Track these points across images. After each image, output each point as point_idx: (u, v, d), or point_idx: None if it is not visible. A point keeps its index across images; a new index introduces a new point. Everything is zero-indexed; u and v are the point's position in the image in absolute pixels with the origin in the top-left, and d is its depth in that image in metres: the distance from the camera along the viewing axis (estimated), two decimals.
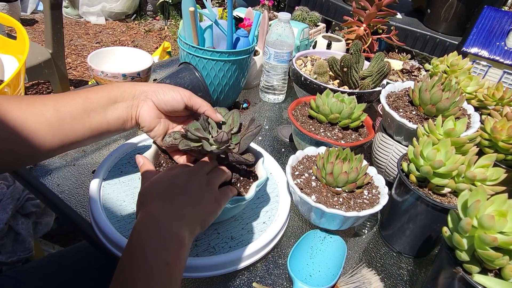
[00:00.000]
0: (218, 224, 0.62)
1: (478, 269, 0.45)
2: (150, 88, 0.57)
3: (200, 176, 0.52)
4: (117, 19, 3.55)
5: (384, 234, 0.69)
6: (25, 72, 1.02)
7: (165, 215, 0.45)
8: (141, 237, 0.43)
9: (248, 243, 0.59)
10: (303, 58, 1.07)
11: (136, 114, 0.56)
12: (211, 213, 0.50)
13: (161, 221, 0.44)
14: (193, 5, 0.83)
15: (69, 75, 2.56)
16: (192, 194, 0.49)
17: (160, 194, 0.48)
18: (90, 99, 0.51)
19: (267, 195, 0.70)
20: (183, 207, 0.47)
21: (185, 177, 0.51)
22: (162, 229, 0.43)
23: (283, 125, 0.98)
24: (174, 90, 0.58)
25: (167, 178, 0.51)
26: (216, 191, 0.52)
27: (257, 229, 0.62)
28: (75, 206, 0.64)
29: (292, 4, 1.69)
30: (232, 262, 0.56)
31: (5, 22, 1.11)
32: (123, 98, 0.55)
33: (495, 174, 0.58)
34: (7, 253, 1.00)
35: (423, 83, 0.71)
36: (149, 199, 0.48)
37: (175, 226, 0.44)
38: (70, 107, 0.50)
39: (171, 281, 0.41)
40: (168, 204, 0.47)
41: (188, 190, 0.49)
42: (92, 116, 0.52)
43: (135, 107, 0.56)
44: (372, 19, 1.14)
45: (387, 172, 0.78)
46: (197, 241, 0.59)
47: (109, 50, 0.94)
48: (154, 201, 0.47)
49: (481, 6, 1.14)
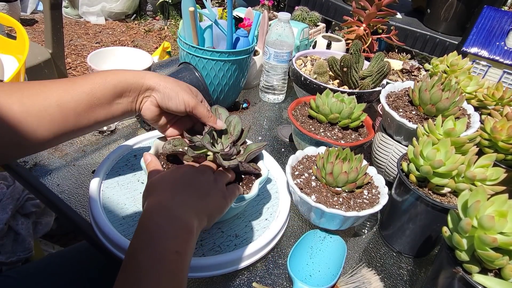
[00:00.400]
0: (222, 223, 0.62)
1: (478, 269, 0.45)
2: (157, 85, 0.56)
3: (208, 174, 0.53)
4: (117, 19, 3.55)
5: (384, 234, 0.69)
6: (25, 72, 1.02)
7: (176, 203, 0.45)
8: (151, 224, 0.43)
9: (252, 240, 0.59)
10: (303, 58, 1.07)
11: (140, 107, 0.57)
12: (219, 209, 0.51)
13: (172, 209, 0.44)
14: (193, 5, 0.83)
15: (69, 75, 2.56)
16: (200, 188, 0.50)
17: (169, 185, 0.49)
18: (96, 96, 0.51)
19: (267, 192, 0.70)
20: (192, 198, 0.48)
21: (193, 173, 0.52)
22: (173, 217, 0.43)
23: (283, 125, 0.98)
24: (179, 96, 0.56)
25: (176, 173, 0.51)
26: (224, 188, 0.53)
27: (260, 225, 0.63)
28: (75, 206, 0.64)
29: (292, 4, 1.69)
30: (238, 260, 0.57)
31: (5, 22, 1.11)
32: (129, 93, 0.54)
33: (495, 174, 0.58)
34: (7, 253, 1.00)
35: (423, 83, 0.71)
36: (159, 189, 0.48)
37: (186, 215, 0.45)
38: (74, 104, 0.49)
39: (181, 270, 0.41)
40: (179, 194, 0.47)
41: (197, 184, 0.50)
42: (97, 111, 0.52)
43: (139, 102, 0.57)
44: (372, 19, 1.14)
45: (387, 172, 0.78)
46: (202, 241, 0.59)
47: (109, 50, 0.94)
48: (164, 190, 0.47)
49: (481, 6, 1.14)
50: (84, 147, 0.78)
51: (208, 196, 0.50)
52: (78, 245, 0.78)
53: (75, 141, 0.80)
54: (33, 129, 0.46)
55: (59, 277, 0.69)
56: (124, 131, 0.85)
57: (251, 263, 0.58)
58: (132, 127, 0.87)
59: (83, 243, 0.78)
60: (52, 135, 0.48)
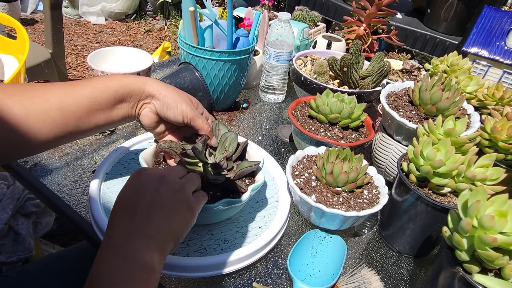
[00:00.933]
0: (213, 226, 0.62)
1: (478, 269, 0.45)
2: (157, 93, 0.55)
3: (172, 181, 0.47)
4: (117, 19, 3.55)
5: (384, 234, 0.69)
6: (25, 72, 1.02)
7: (130, 240, 0.41)
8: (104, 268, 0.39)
9: (240, 247, 0.58)
10: (303, 58, 1.07)
11: (138, 113, 0.57)
12: (185, 223, 0.46)
13: (125, 249, 0.40)
14: (193, 5, 0.83)
15: (69, 75, 2.56)
16: (162, 205, 0.44)
17: (125, 210, 0.43)
18: (96, 100, 0.51)
19: (266, 199, 0.69)
20: (151, 223, 0.42)
21: (155, 184, 0.46)
22: (126, 259, 0.40)
23: (283, 125, 0.98)
24: (178, 107, 0.56)
25: (134, 188, 0.45)
26: (190, 197, 0.48)
27: (252, 233, 0.61)
28: (75, 206, 0.64)
29: (292, 4, 1.69)
30: (222, 264, 0.55)
31: (5, 22, 1.11)
32: (130, 98, 0.54)
33: (495, 174, 0.58)
34: (7, 253, 1.00)
35: (423, 83, 0.71)
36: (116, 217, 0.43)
37: (142, 252, 0.40)
38: (75, 107, 0.49)
39: None
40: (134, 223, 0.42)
41: (158, 200, 0.44)
42: (98, 115, 0.52)
43: (139, 108, 0.57)
44: (372, 19, 1.14)
45: (387, 172, 0.78)
46: (190, 241, 0.58)
47: (109, 50, 0.94)
48: (121, 219, 0.43)
49: (481, 6, 1.14)
50: (84, 147, 0.78)
51: (172, 213, 0.45)
52: (78, 245, 0.78)
53: (75, 141, 0.80)
54: (33, 131, 0.46)
55: (59, 277, 0.69)
56: (124, 131, 0.85)
57: (238, 269, 0.57)
58: (132, 127, 0.87)
59: (83, 243, 0.78)
60: (53, 137, 0.48)
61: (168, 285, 0.55)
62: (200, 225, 0.61)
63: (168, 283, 0.56)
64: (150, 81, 0.56)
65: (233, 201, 0.55)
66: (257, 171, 0.63)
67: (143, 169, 0.48)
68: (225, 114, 0.99)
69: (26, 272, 0.69)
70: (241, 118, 0.99)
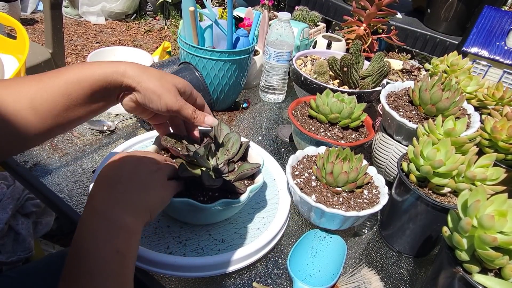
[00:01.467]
0: (211, 226, 0.61)
1: (478, 268, 0.45)
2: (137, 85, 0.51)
3: (149, 163, 0.52)
4: (117, 19, 3.55)
5: (384, 234, 0.69)
6: (25, 72, 1.02)
7: (108, 205, 0.45)
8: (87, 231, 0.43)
9: (238, 248, 0.58)
10: (303, 58, 1.07)
11: (119, 100, 0.53)
12: (159, 200, 0.50)
13: (104, 212, 0.44)
14: (193, 5, 0.83)
15: None
16: (139, 180, 0.48)
17: (105, 182, 0.48)
18: (71, 97, 0.47)
19: (265, 201, 0.69)
20: (128, 194, 0.47)
21: (134, 163, 0.51)
22: (108, 220, 0.44)
23: (283, 125, 0.98)
24: (161, 100, 0.52)
25: (115, 164, 0.50)
26: (164, 179, 0.52)
27: (250, 234, 0.61)
28: (75, 206, 0.64)
29: (292, 3, 1.69)
30: (219, 264, 0.55)
31: (5, 22, 1.11)
32: (108, 91, 0.50)
33: (495, 174, 0.58)
34: (7, 253, 1.00)
35: (423, 83, 0.71)
36: (96, 188, 0.47)
37: (121, 214, 0.44)
38: (48, 106, 0.46)
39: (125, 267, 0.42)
40: (113, 193, 0.46)
41: (135, 176, 0.49)
42: (76, 110, 0.49)
43: (118, 96, 0.53)
44: (372, 18, 1.14)
45: (387, 172, 0.78)
46: (187, 241, 0.58)
47: (109, 50, 0.94)
48: (100, 190, 0.47)
49: (481, 6, 1.14)
50: (84, 147, 0.78)
51: (148, 188, 0.48)
52: None
53: (75, 141, 0.80)
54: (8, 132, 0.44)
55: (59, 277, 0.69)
56: (124, 131, 0.85)
57: (233, 270, 0.57)
58: (132, 127, 0.87)
59: None
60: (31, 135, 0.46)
61: (168, 285, 0.55)
62: (198, 225, 0.61)
63: (168, 283, 0.56)
64: (128, 69, 0.51)
65: (231, 202, 0.55)
66: (257, 173, 0.63)
67: (124, 152, 0.54)
68: (225, 114, 0.99)
69: (26, 272, 0.69)
70: (241, 118, 0.99)
